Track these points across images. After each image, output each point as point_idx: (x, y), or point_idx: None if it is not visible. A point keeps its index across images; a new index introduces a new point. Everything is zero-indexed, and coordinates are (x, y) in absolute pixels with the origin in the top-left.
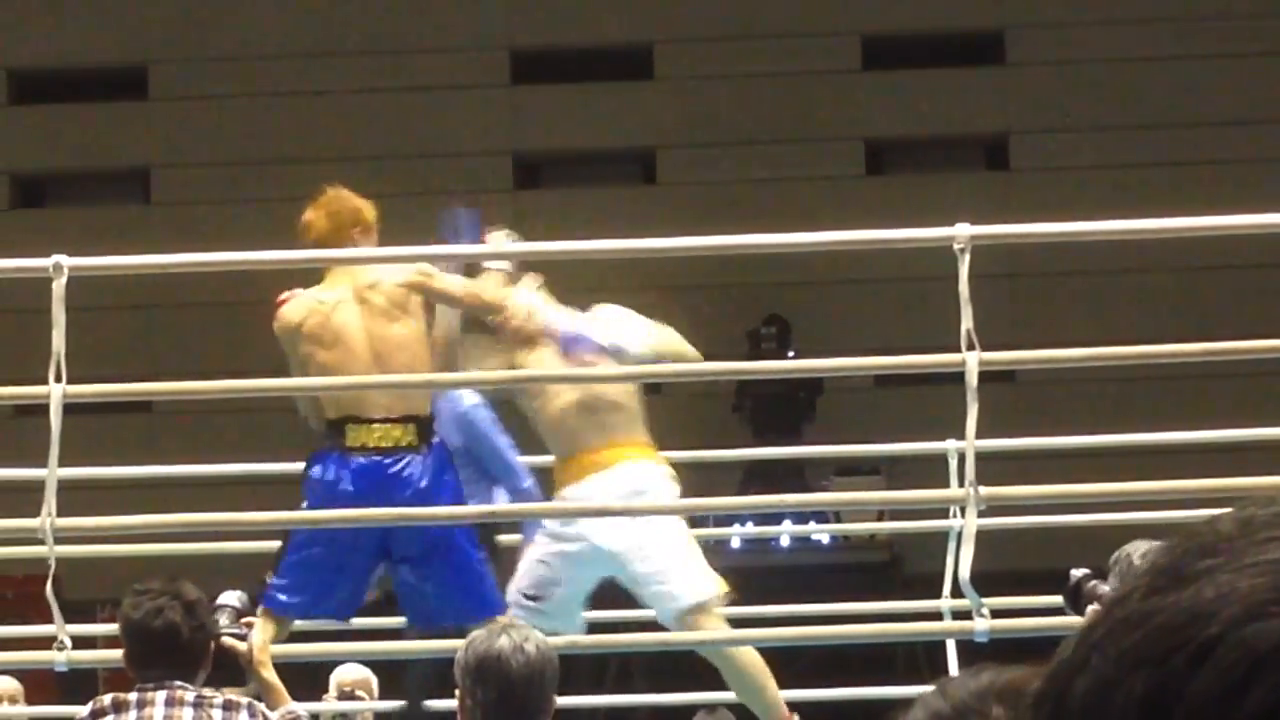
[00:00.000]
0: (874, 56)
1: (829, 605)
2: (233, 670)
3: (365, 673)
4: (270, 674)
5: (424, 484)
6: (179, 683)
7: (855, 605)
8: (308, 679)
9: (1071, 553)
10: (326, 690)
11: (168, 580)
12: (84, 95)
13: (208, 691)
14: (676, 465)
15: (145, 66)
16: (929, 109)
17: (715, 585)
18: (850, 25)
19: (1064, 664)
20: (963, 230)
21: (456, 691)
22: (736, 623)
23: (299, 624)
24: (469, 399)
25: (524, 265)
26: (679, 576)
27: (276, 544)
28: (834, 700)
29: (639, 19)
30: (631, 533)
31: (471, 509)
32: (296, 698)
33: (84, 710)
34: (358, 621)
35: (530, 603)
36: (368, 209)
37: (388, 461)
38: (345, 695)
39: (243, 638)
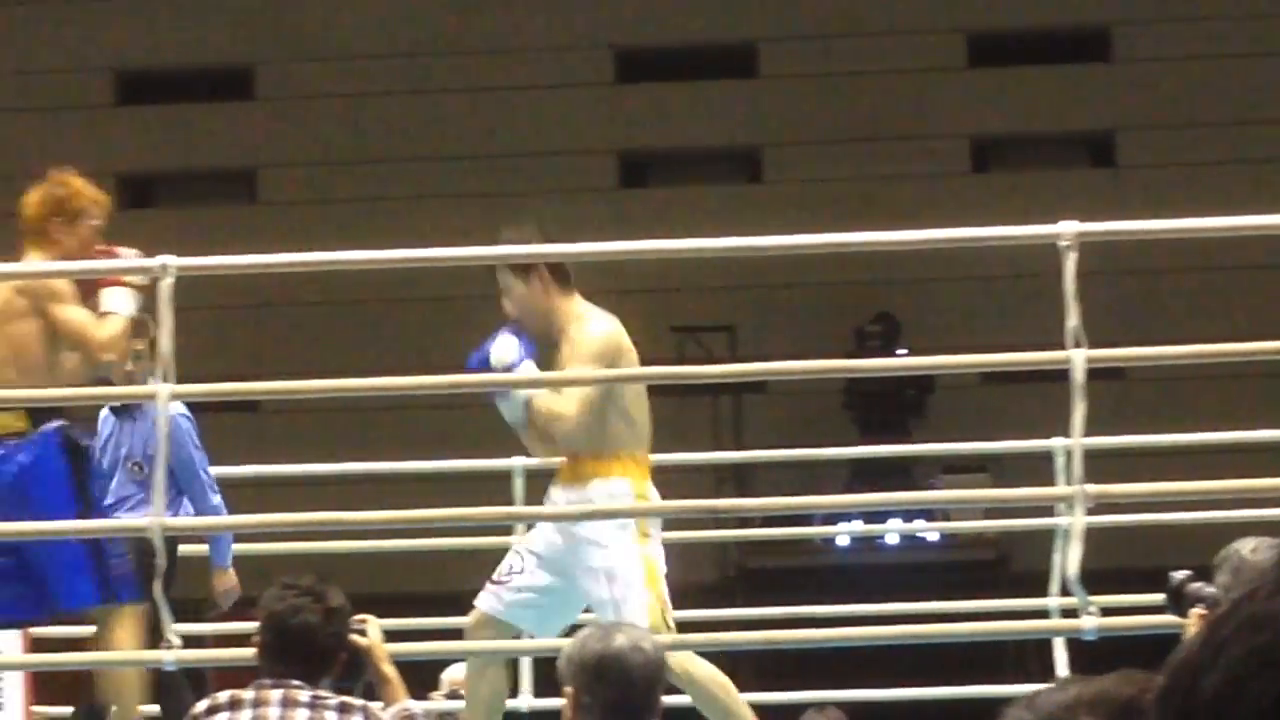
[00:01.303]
0: (980, 54)
1: (936, 603)
2: (354, 666)
3: None
4: (389, 668)
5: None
6: (296, 682)
7: (962, 603)
8: (415, 678)
9: (1179, 550)
10: (435, 689)
11: (316, 580)
12: (190, 96)
13: (323, 692)
14: (783, 465)
15: (251, 67)
16: (1035, 106)
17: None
18: (956, 22)
19: (1189, 661)
20: (1068, 227)
21: (567, 691)
22: (847, 621)
23: (414, 623)
24: (174, 408)
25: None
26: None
27: (382, 543)
28: (940, 699)
29: (743, 17)
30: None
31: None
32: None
33: (200, 706)
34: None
35: (492, 585)
36: (76, 199)
37: None
38: (453, 695)
39: (361, 633)
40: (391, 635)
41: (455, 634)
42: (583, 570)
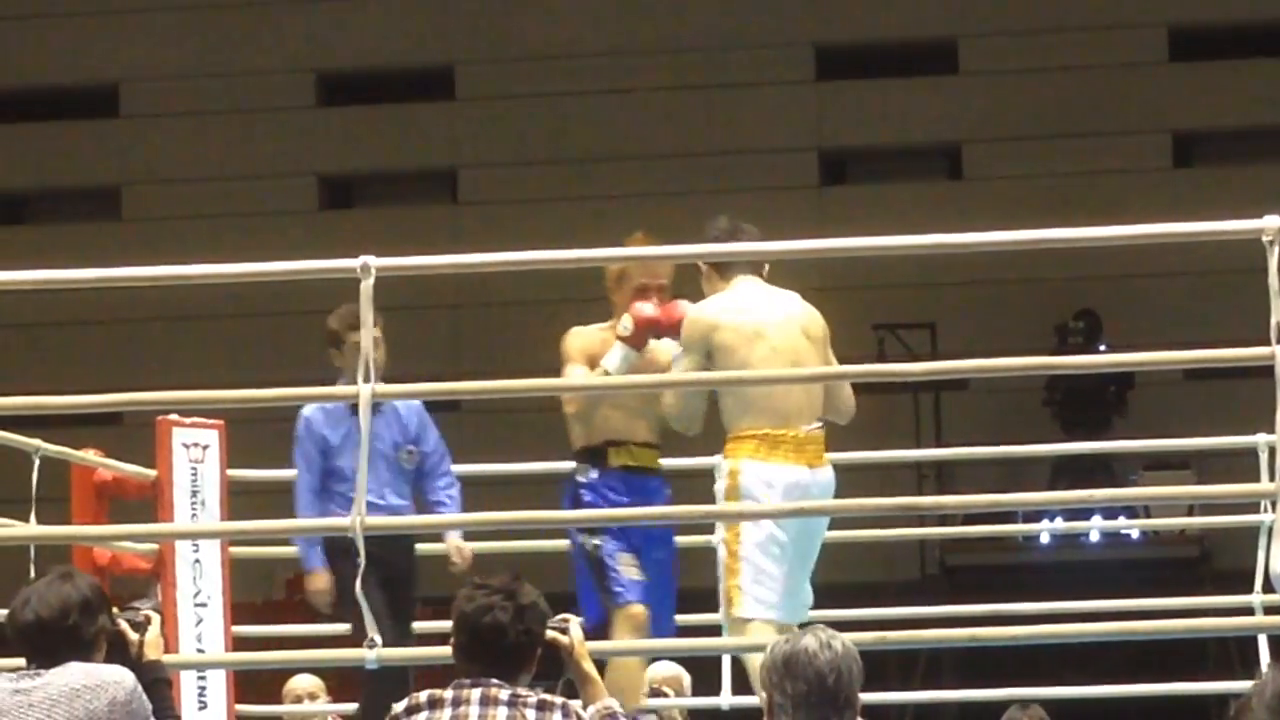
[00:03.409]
0: (1181, 48)
1: (1139, 600)
2: (553, 663)
3: (677, 669)
4: (590, 666)
5: None
6: (495, 681)
7: (1165, 600)
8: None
9: None
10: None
11: (510, 579)
12: (390, 96)
13: (523, 691)
14: (984, 462)
15: (451, 67)
16: (1237, 100)
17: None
18: (1157, 17)
19: None
20: (1272, 222)
21: (763, 695)
22: (1049, 619)
23: None
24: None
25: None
26: None
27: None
28: (1142, 697)
29: (943, 13)
30: None
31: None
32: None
33: (399, 706)
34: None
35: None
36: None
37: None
38: (655, 692)
39: (564, 631)
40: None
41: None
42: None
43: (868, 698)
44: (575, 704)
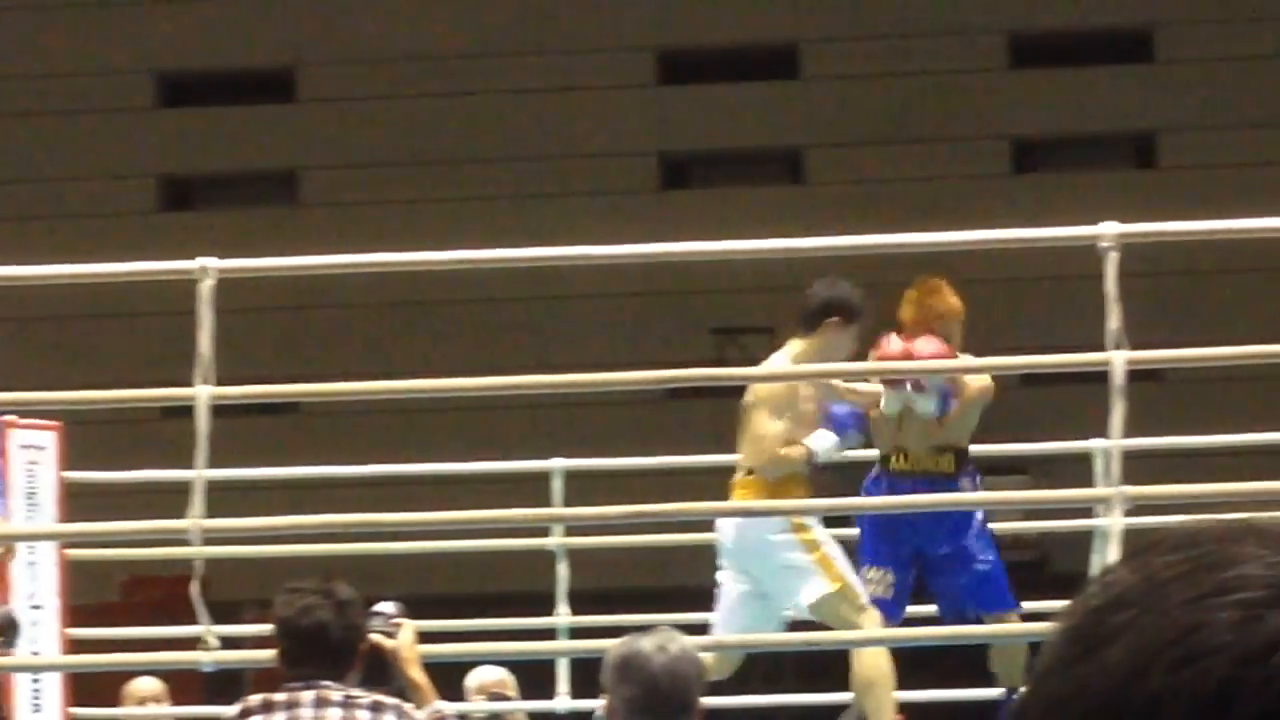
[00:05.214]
0: (1021, 55)
1: None
2: (382, 669)
3: (505, 673)
4: (418, 672)
5: None
6: (326, 682)
7: None
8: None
9: None
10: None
11: (322, 579)
12: (232, 98)
13: (356, 691)
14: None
15: (293, 69)
16: (1075, 107)
17: None
18: (997, 23)
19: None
20: (1109, 229)
21: (604, 696)
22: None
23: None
24: None
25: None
26: None
27: (426, 544)
28: (979, 700)
29: (785, 19)
30: None
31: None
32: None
33: (232, 710)
34: (507, 622)
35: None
36: (954, 311)
37: None
38: (496, 696)
39: (391, 636)
40: (433, 637)
41: (487, 635)
42: None
43: (714, 701)
44: (409, 705)
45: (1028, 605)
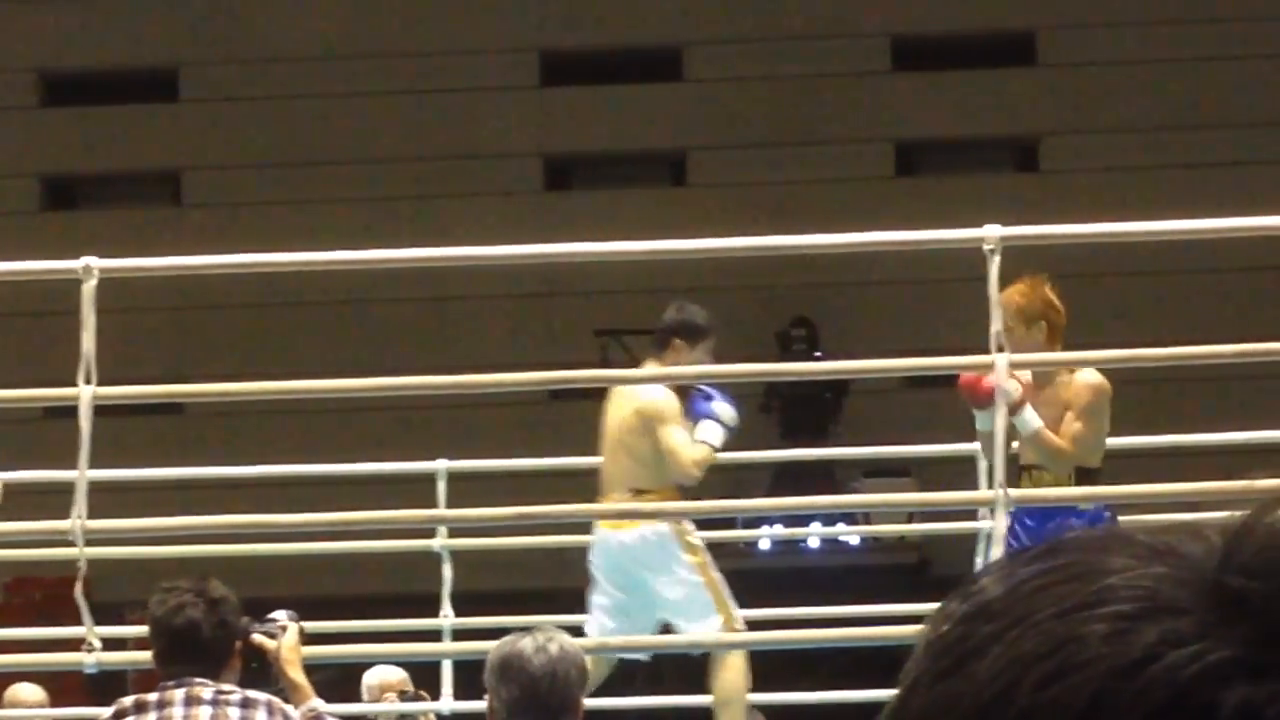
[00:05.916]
0: (904, 57)
1: (858, 607)
2: (264, 670)
3: (404, 673)
4: (297, 673)
5: None
6: (198, 680)
7: (884, 607)
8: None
9: None
10: (358, 692)
11: (196, 579)
12: (114, 98)
13: (227, 687)
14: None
15: (175, 69)
16: (959, 110)
17: None
18: (880, 26)
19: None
20: (992, 231)
21: (486, 695)
22: (768, 624)
23: (323, 627)
24: None
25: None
26: None
27: (312, 545)
28: (863, 702)
29: (668, 21)
30: None
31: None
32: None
33: (106, 712)
34: (392, 623)
35: None
36: (1057, 313)
37: None
38: (412, 697)
39: (273, 636)
40: (320, 638)
41: (380, 637)
42: None
43: (594, 703)
44: (280, 701)
45: (911, 608)
